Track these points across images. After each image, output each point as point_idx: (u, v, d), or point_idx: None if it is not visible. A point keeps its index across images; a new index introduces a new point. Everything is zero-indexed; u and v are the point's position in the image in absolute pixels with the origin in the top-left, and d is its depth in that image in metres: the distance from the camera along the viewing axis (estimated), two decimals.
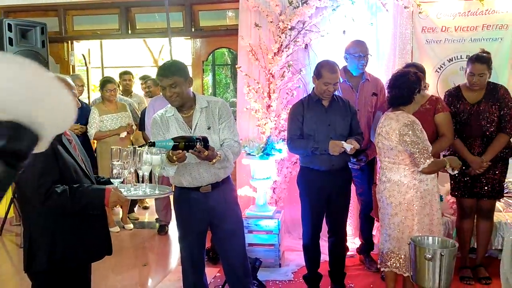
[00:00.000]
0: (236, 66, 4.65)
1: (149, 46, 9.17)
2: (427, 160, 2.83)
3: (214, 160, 2.56)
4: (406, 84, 3.00)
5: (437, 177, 3.12)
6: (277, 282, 3.84)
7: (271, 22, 4.36)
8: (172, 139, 2.39)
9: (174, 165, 2.55)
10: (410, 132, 2.85)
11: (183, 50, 6.97)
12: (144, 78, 6.04)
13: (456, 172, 2.99)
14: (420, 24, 4.46)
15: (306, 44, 4.40)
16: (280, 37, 4.31)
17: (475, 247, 3.86)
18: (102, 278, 3.84)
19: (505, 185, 3.82)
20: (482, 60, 3.50)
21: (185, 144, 2.37)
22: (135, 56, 8.74)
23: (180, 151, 2.39)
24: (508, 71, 4.33)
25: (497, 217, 3.85)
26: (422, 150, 2.84)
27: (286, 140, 3.70)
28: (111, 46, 8.13)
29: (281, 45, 4.32)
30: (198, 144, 2.40)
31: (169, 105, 2.76)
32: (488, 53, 3.65)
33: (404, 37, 4.48)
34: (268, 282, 3.81)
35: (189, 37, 5.45)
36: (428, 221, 2.97)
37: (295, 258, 4.19)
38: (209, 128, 2.72)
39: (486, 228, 3.73)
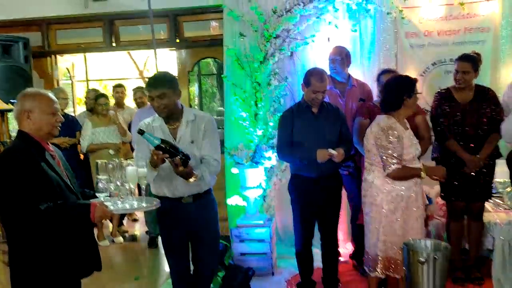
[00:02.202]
0: (222, 75, 4.64)
1: (134, 58, 9.14)
2: (393, 166, 2.89)
3: (191, 179, 2.60)
4: (395, 89, 3.04)
5: (420, 183, 3.10)
6: None
7: (255, 31, 4.36)
8: (161, 139, 2.44)
9: (154, 171, 2.58)
10: (383, 137, 2.93)
11: (168, 61, 6.97)
12: (136, 89, 6.05)
13: (438, 179, 3.06)
14: (404, 29, 4.50)
15: (292, 52, 4.41)
16: (265, 45, 4.32)
17: (466, 248, 3.88)
18: None
19: (493, 186, 3.85)
20: (467, 58, 3.57)
21: (168, 149, 2.42)
22: (120, 68, 8.70)
23: (161, 152, 2.43)
24: (490, 73, 4.38)
25: (486, 217, 3.87)
26: (390, 156, 2.89)
27: (276, 148, 3.70)
28: (96, 59, 8.09)
29: (267, 53, 4.32)
30: (179, 157, 2.45)
31: (156, 114, 2.76)
32: (478, 54, 3.71)
33: (388, 42, 4.51)
34: None
35: (174, 48, 5.44)
36: (398, 227, 2.98)
37: (288, 266, 4.16)
38: (192, 142, 2.74)
39: (477, 229, 3.75)
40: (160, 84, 2.62)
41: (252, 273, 3.75)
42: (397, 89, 3.03)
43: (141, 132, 2.41)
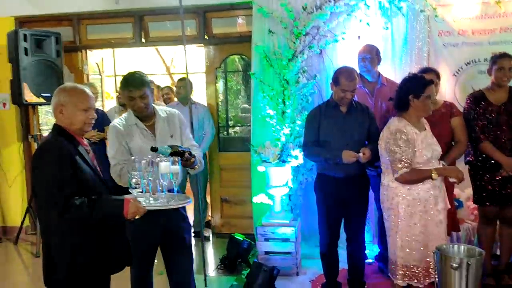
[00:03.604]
0: (250, 72, 4.63)
1: (161, 54, 9.19)
2: (401, 170, 2.83)
3: (196, 167, 2.73)
4: (401, 90, 2.98)
5: (441, 186, 3.01)
6: None
7: (285, 28, 4.33)
8: (169, 146, 2.50)
9: None
10: (391, 141, 2.88)
11: (195, 57, 6.98)
12: (160, 87, 6.11)
13: (455, 181, 2.97)
14: (437, 27, 4.39)
15: (321, 50, 4.36)
16: (294, 43, 4.29)
17: (496, 253, 3.78)
18: None
19: None
20: (509, 55, 3.49)
21: (178, 151, 2.50)
22: (147, 64, 8.75)
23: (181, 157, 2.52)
24: None
25: None
26: (398, 160, 2.84)
27: (302, 146, 3.67)
28: (124, 54, 8.17)
29: (296, 51, 4.29)
30: (187, 153, 2.56)
31: (125, 114, 2.83)
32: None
33: (420, 41, 4.42)
34: None
35: (202, 45, 5.45)
36: (418, 232, 2.90)
37: (313, 266, 4.13)
38: (171, 136, 2.81)
39: (509, 235, 3.65)
40: (141, 84, 2.68)
41: (277, 272, 3.73)
42: (403, 90, 2.96)
43: (155, 149, 2.44)
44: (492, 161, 3.47)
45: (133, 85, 2.67)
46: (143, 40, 5.52)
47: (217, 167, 5.42)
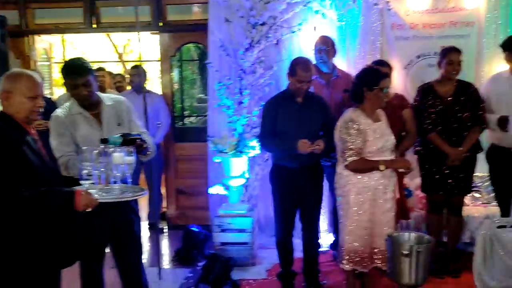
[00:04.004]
0: (206, 62, 4.57)
1: (113, 41, 8.93)
2: (350, 158, 2.92)
3: (148, 153, 2.65)
4: (356, 81, 3.05)
5: (391, 175, 3.08)
6: (251, 281, 3.80)
7: (241, 17, 4.29)
8: (120, 135, 2.42)
9: None
10: (344, 130, 2.96)
11: (149, 45, 6.83)
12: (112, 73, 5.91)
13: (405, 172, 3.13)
14: (390, 20, 4.49)
15: (278, 40, 4.36)
16: (251, 32, 4.26)
17: (443, 240, 3.94)
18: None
19: (473, 180, 3.91)
20: (458, 50, 3.61)
21: (130, 139, 2.43)
22: (98, 51, 8.48)
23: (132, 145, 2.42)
24: (475, 68, 4.43)
25: (465, 211, 3.92)
26: (348, 148, 2.92)
27: (258, 137, 3.67)
28: (74, 40, 7.87)
29: (252, 40, 4.26)
30: (138, 140, 2.49)
31: (68, 103, 2.70)
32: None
33: (374, 33, 4.51)
34: (242, 281, 3.76)
35: (157, 32, 5.32)
36: (365, 219, 3.00)
37: (269, 256, 4.16)
38: (119, 125, 2.71)
39: (456, 223, 3.81)
40: (85, 71, 2.56)
41: (233, 263, 3.73)
42: (358, 82, 3.03)
43: (105, 140, 2.36)
44: (439, 152, 3.60)
45: (76, 72, 2.55)
46: (94, 25, 5.32)
47: (172, 158, 5.34)
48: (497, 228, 2.38)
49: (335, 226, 4.07)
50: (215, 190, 4.34)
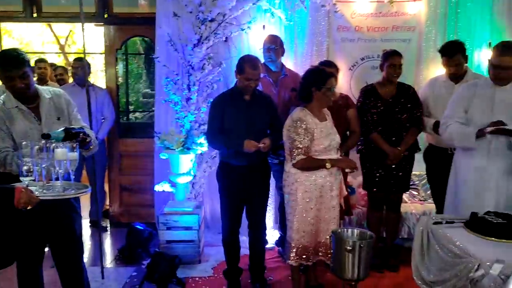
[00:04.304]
0: (153, 56, 4.48)
1: (55, 31, 8.55)
2: (298, 156, 3.00)
3: (91, 147, 2.59)
4: (304, 81, 3.13)
5: (337, 174, 3.19)
6: (197, 278, 3.78)
7: (190, 12, 4.24)
8: (63, 130, 2.34)
9: None
10: (292, 129, 3.03)
11: (93, 37, 6.59)
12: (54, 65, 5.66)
13: (350, 171, 3.23)
14: (336, 22, 4.61)
15: (227, 37, 4.35)
16: (199, 28, 4.22)
17: (383, 236, 4.10)
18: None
19: (411, 178, 4.09)
20: (399, 53, 3.76)
21: (72, 133, 2.35)
22: (39, 41, 8.10)
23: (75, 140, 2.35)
24: (415, 71, 4.64)
25: (403, 208, 4.11)
26: (296, 147, 3.01)
27: (205, 134, 3.65)
28: (13, 29, 7.46)
29: (201, 36, 4.22)
30: (81, 133, 2.42)
31: (3, 96, 2.59)
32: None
33: (321, 34, 4.61)
34: (188, 279, 3.74)
35: (102, 24, 5.14)
36: (312, 215, 3.10)
37: (215, 253, 4.17)
38: (58, 119, 2.63)
39: (394, 219, 3.99)
40: (21, 63, 2.45)
41: (179, 261, 3.69)
42: (306, 81, 3.12)
43: (46, 136, 2.25)
44: (380, 151, 3.74)
45: (11, 64, 2.42)
46: (34, 14, 5.07)
47: (116, 154, 5.20)
48: (433, 225, 2.50)
49: (281, 223, 4.14)
50: (161, 187, 4.27)
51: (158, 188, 4.30)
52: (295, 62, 4.57)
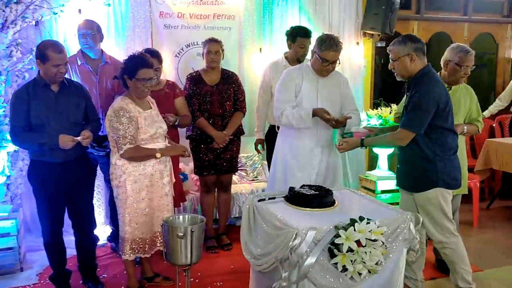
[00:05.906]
0: None
1: None
2: (124, 147, 2.94)
3: None
4: (121, 69, 3.05)
5: (166, 160, 3.20)
6: None
7: None
8: None
9: None
10: (114, 119, 2.94)
11: None
12: None
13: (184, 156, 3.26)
14: (158, 9, 4.55)
15: (37, 21, 3.95)
16: (3, 11, 3.74)
17: (217, 217, 4.25)
18: None
19: (239, 160, 4.31)
20: (216, 40, 3.88)
21: None
22: None
23: None
24: (237, 58, 4.84)
25: (233, 188, 4.31)
26: (122, 137, 2.93)
27: (9, 132, 3.22)
28: None
29: (6, 20, 3.75)
30: None
31: None
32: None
33: (143, 20, 4.50)
34: None
35: None
36: (144, 206, 3.08)
37: (40, 259, 3.79)
38: None
39: (226, 199, 4.15)
40: None
41: None
42: (122, 70, 3.05)
43: None
44: (207, 136, 3.85)
45: None
46: None
47: None
48: (257, 202, 2.66)
49: (112, 218, 3.98)
50: None
51: None
52: (118, 49, 4.38)
